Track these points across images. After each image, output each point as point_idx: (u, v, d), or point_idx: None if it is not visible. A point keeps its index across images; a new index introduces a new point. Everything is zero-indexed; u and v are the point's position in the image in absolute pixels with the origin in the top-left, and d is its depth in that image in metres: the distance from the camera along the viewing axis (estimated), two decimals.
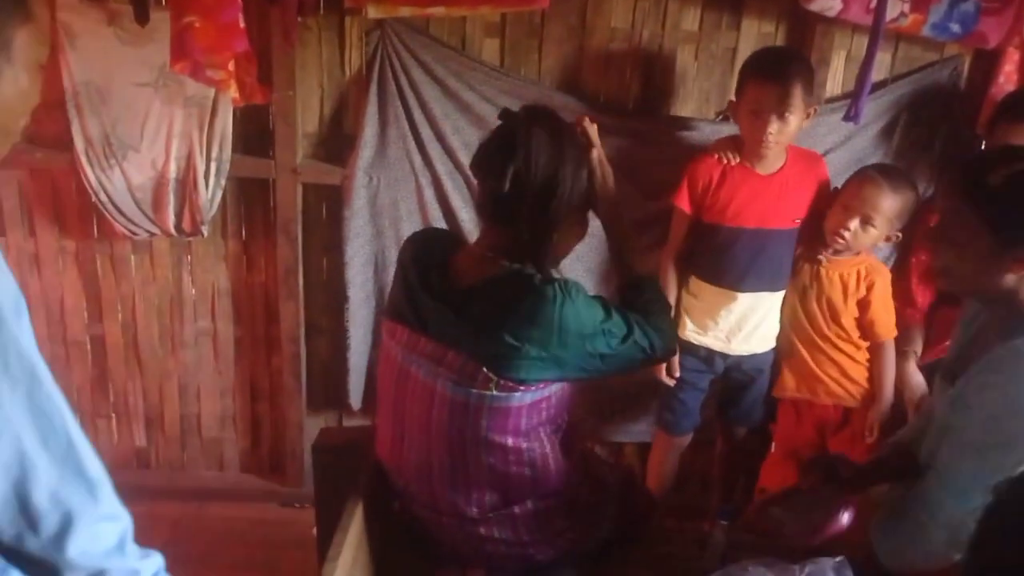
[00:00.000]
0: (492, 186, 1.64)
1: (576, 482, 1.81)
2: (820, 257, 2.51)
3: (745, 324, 2.54)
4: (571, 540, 1.81)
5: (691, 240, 2.54)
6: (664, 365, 2.55)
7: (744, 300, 2.51)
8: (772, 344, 2.61)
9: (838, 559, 1.60)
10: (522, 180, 1.61)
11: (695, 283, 2.57)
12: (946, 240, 1.61)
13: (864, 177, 2.45)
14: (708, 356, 2.60)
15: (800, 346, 2.58)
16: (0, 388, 0.93)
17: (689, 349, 2.58)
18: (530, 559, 1.79)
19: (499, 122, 1.70)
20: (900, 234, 2.49)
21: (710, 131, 2.66)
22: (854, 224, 2.42)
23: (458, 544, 1.80)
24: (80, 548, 0.99)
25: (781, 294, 2.56)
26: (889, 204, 2.41)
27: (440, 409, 1.68)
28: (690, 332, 2.57)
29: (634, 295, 1.81)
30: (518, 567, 1.80)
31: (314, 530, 2.11)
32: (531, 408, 1.67)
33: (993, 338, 1.60)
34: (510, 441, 1.68)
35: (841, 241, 2.44)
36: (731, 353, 2.59)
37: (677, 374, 2.58)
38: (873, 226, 2.41)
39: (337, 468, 1.96)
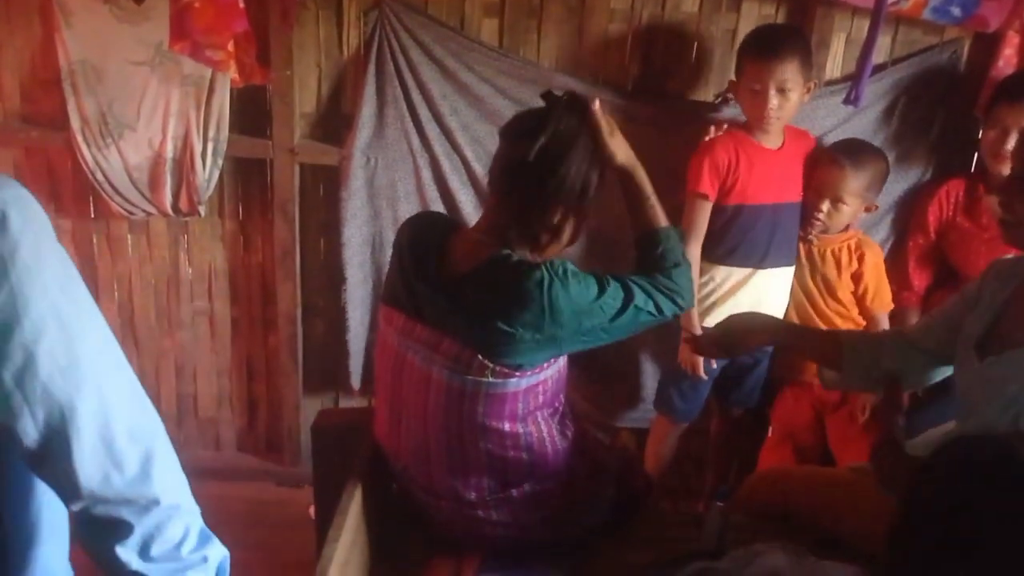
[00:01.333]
0: (514, 155, 1.64)
1: (574, 465, 1.81)
2: (810, 237, 2.54)
3: (765, 301, 2.50)
4: (569, 522, 1.82)
5: (710, 227, 2.49)
6: (700, 361, 2.49)
7: (763, 277, 2.51)
8: None
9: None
10: (545, 156, 1.61)
11: (714, 268, 2.52)
12: None
13: (828, 160, 2.48)
14: None
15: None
16: (84, 338, 0.98)
17: None
18: (528, 541, 1.80)
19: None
20: (877, 205, 2.55)
21: (709, 113, 2.65)
22: (825, 206, 2.48)
23: (456, 527, 1.81)
24: (162, 480, 1.03)
25: (793, 268, 2.56)
26: (855, 184, 2.44)
27: (437, 395, 1.68)
28: (712, 320, 2.48)
29: (649, 249, 1.76)
30: (516, 549, 1.81)
31: (311, 509, 2.12)
32: (527, 393, 1.68)
33: None
34: (507, 426, 1.69)
35: (817, 223, 2.50)
36: None
37: (715, 365, 2.52)
38: (845, 204, 2.47)
39: (336, 450, 1.96)
